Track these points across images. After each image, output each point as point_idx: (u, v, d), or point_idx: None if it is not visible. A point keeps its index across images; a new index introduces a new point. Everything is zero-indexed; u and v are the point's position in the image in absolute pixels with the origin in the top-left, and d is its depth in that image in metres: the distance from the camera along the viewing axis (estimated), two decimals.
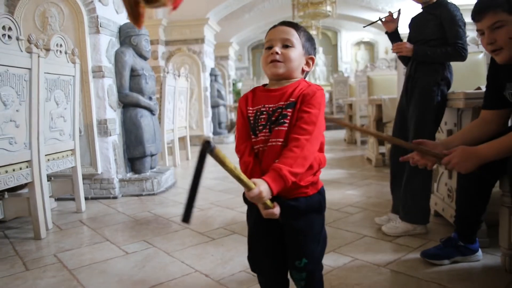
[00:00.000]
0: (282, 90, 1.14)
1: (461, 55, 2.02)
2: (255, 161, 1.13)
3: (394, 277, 1.69)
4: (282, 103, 1.11)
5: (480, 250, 1.80)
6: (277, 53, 1.13)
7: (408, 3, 2.32)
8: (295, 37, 1.15)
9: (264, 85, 1.23)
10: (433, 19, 2.06)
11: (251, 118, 1.15)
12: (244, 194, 1.09)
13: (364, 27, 2.57)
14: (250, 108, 1.16)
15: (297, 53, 1.15)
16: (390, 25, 2.23)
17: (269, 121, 1.11)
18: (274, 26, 1.19)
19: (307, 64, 1.21)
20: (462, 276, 1.66)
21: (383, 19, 2.23)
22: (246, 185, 0.96)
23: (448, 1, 2.07)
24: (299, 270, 1.16)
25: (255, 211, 1.12)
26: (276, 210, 1.06)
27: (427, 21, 2.09)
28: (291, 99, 1.11)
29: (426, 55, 2.04)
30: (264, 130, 1.12)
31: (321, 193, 1.20)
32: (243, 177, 0.94)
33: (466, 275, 1.67)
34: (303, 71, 1.20)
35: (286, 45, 1.15)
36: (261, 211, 1.07)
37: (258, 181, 0.99)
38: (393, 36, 2.25)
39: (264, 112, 1.13)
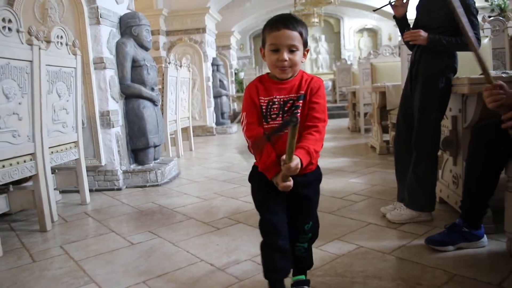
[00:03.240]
0: (290, 83, 1.28)
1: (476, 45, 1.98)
2: (269, 143, 1.25)
3: (399, 263, 1.69)
4: (293, 95, 1.27)
5: (485, 236, 1.79)
6: (285, 60, 1.24)
7: None
8: (298, 40, 1.24)
9: (268, 74, 1.34)
10: (445, 6, 1.99)
11: (264, 107, 1.29)
12: (250, 174, 1.38)
13: (374, 11, 2.48)
14: (262, 98, 1.29)
15: (300, 54, 1.27)
16: (399, 10, 2.16)
17: (282, 110, 1.27)
18: (278, 28, 1.23)
19: (304, 55, 1.30)
20: (468, 262, 1.66)
21: (393, 3, 2.18)
22: (291, 156, 1.12)
23: None
24: (306, 233, 1.38)
25: (266, 184, 1.28)
26: (291, 183, 1.22)
27: (438, 8, 2.02)
28: (301, 92, 1.26)
29: (442, 44, 1.98)
30: (277, 119, 1.28)
31: (318, 166, 1.40)
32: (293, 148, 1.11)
33: (472, 261, 1.67)
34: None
35: (292, 50, 1.24)
36: (279, 184, 1.22)
37: (294, 156, 1.15)
38: (401, 21, 2.20)
39: (276, 103, 1.28)
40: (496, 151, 1.63)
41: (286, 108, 1.27)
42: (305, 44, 1.28)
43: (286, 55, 1.23)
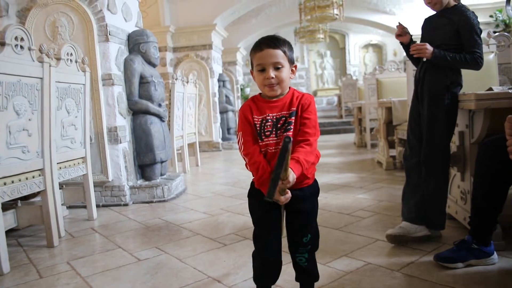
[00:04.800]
0: (282, 101, 1.34)
1: (478, 64, 1.99)
2: (264, 160, 1.32)
3: (408, 281, 1.67)
4: (285, 112, 1.33)
5: (495, 253, 1.77)
6: (272, 77, 1.30)
7: (417, 4, 2.27)
8: (282, 57, 1.31)
9: (260, 94, 1.41)
10: (449, 24, 2.02)
11: (257, 125, 1.35)
12: (249, 190, 1.42)
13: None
14: (256, 117, 1.35)
15: (287, 71, 1.33)
16: (405, 37, 2.18)
17: (275, 127, 1.32)
18: (261, 48, 1.31)
19: (292, 72, 1.38)
20: (478, 279, 1.64)
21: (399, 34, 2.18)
22: (287, 174, 1.16)
23: (466, 8, 2.03)
24: (305, 245, 1.40)
25: (262, 200, 1.28)
26: (290, 195, 1.25)
27: (442, 25, 2.05)
28: (292, 109, 1.32)
29: (446, 60, 1.99)
30: (271, 136, 1.33)
31: (316, 180, 1.43)
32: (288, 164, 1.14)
33: (482, 278, 1.65)
34: (290, 78, 1.37)
35: (277, 67, 1.31)
36: (279, 198, 1.23)
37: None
38: (408, 46, 2.20)
39: (269, 120, 1.33)
40: (503, 166, 1.62)
41: (279, 125, 1.32)
42: (290, 61, 1.35)
43: (272, 73, 1.30)
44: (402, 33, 2.15)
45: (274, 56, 1.30)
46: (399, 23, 2.18)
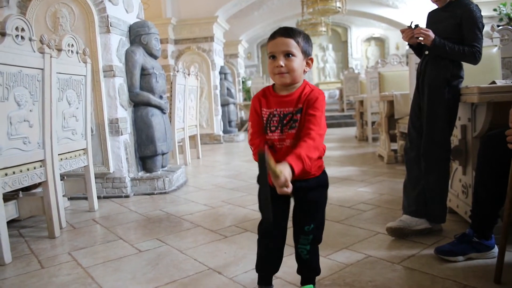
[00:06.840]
0: (291, 96, 1.33)
1: (476, 58, 1.98)
2: (269, 150, 1.25)
3: (408, 274, 1.67)
4: (292, 109, 1.31)
5: (496, 246, 1.77)
6: (281, 66, 1.29)
7: None
8: (294, 47, 1.30)
9: (273, 86, 1.40)
10: (452, 17, 2.01)
11: (264, 118, 1.35)
12: (258, 176, 1.31)
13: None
14: (264, 109, 1.36)
15: (298, 61, 1.31)
16: (414, 39, 2.15)
17: (281, 123, 1.32)
18: (274, 37, 1.32)
19: (308, 64, 1.36)
20: (478, 273, 1.64)
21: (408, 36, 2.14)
22: (277, 176, 1.13)
23: (470, 1, 2.02)
24: (307, 234, 1.39)
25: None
26: (290, 188, 1.18)
27: (445, 18, 2.04)
28: (299, 105, 1.31)
29: (444, 49, 1.98)
30: (276, 131, 1.34)
31: (325, 172, 1.43)
32: (277, 170, 1.13)
33: (482, 272, 1.65)
34: (304, 71, 1.35)
35: (288, 56, 1.30)
36: (277, 189, 1.19)
37: (282, 166, 1.15)
38: (418, 47, 2.18)
39: (276, 115, 1.33)
40: (505, 160, 1.61)
41: (285, 121, 1.32)
42: (305, 53, 1.33)
43: (281, 61, 1.29)
44: (411, 34, 2.09)
45: (286, 44, 1.29)
46: (409, 26, 2.10)
